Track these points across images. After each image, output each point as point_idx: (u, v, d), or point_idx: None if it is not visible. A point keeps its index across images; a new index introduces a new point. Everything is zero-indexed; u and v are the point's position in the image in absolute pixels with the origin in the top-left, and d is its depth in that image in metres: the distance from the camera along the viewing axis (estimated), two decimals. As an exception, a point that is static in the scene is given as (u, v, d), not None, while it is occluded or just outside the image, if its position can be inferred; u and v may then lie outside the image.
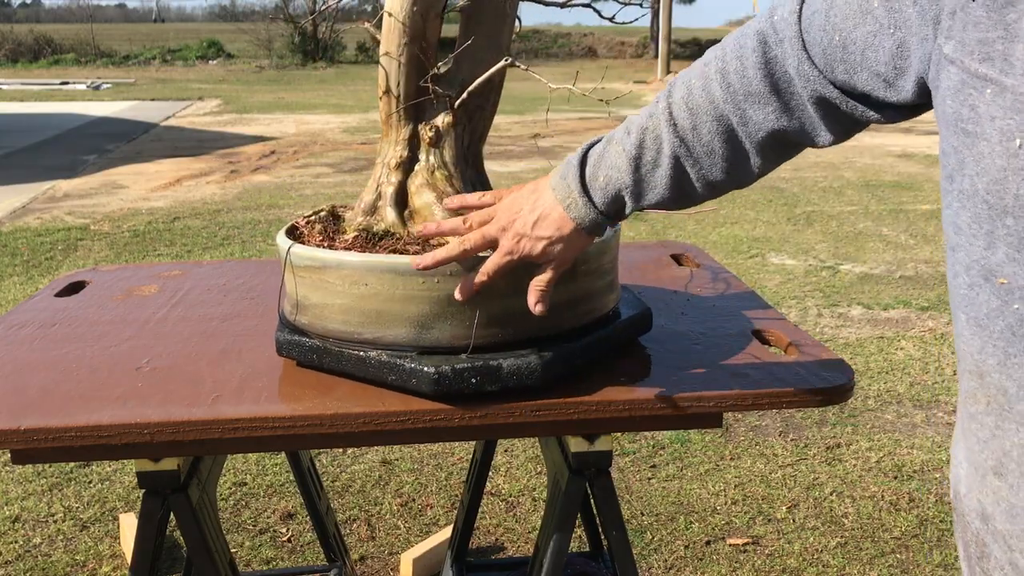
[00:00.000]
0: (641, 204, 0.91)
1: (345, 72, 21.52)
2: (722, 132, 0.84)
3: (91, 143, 9.58)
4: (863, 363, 3.36)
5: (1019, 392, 0.65)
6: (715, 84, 0.84)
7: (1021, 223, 0.62)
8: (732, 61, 0.83)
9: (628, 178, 0.89)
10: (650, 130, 0.88)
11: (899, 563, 2.17)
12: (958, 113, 0.66)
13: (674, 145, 0.86)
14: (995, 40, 0.62)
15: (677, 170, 0.87)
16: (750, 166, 0.87)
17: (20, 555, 2.21)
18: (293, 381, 1.09)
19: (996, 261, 0.64)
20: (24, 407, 1.02)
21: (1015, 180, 0.61)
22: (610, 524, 1.17)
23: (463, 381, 1.00)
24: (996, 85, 0.62)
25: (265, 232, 5.42)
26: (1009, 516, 0.68)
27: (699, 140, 0.85)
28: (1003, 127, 0.62)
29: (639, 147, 0.88)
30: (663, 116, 0.87)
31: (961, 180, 0.66)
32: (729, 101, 0.83)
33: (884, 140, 9.20)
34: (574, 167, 0.92)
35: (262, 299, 1.43)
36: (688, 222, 5.61)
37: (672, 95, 0.87)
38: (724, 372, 1.09)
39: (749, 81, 0.82)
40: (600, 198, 0.91)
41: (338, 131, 10.38)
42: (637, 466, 2.62)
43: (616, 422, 1.05)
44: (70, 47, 26.03)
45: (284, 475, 2.55)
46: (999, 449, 0.68)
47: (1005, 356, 0.65)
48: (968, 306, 0.68)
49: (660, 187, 0.89)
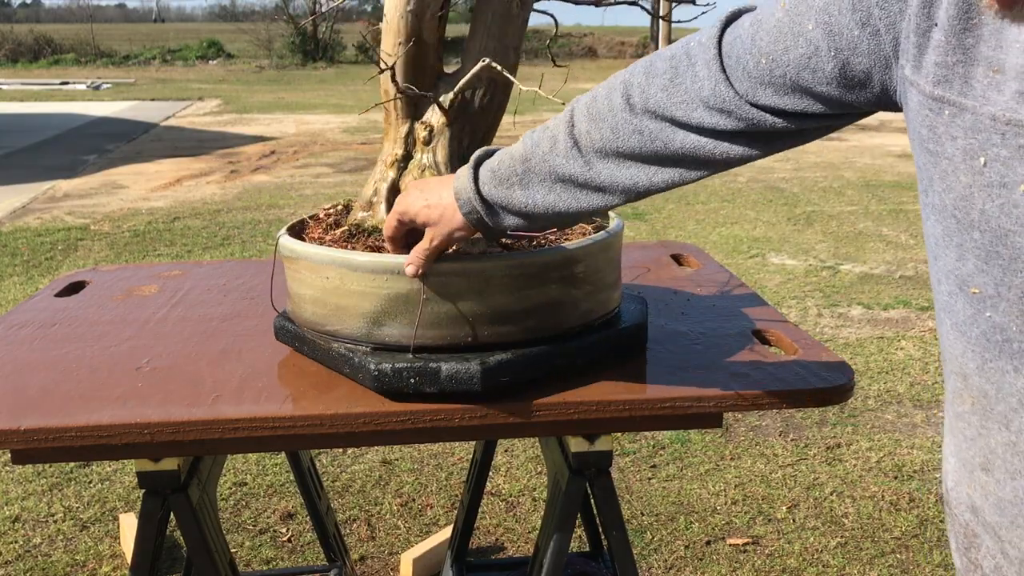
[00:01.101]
0: (524, 199, 0.92)
1: (345, 72, 21.52)
2: (613, 140, 0.86)
3: (91, 143, 9.58)
4: (863, 363, 3.36)
5: (998, 395, 0.68)
6: (617, 95, 0.86)
7: (987, 236, 0.64)
8: (638, 75, 0.85)
9: (520, 166, 0.91)
10: (549, 129, 0.91)
11: (899, 563, 2.17)
12: (920, 133, 0.68)
13: (567, 145, 0.89)
14: (954, 64, 0.64)
15: (566, 168, 0.89)
16: (638, 176, 0.87)
17: (20, 555, 2.21)
18: (293, 381, 1.09)
19: (967, 272, 0.67)
20: (24, 407, 1.02)
21: (980, 197, 0.64)
22: (610, 524, 1.17)
23: (402, 381, 1.01)
24: (954, 107, 0.65)
25: (265, 232, 5.42)
26: (998, 509, 0.70)
27: (591, 143, 0.87)
28: (965, 147, 0.64)
29: (535, 144, 0.91)
30: (563, 118, 0.90)
31: (932, 195, 0.69)
32: (627, 110, 0.85)
33: (884, 140, 9.20)
34: (477, 154, 0.96)
35: (262, 299, 1.43)
36: (688, 222, 5.61)
37: (578, 102, 0.91)
38: (724, 372, 1.09)
39: (648, 98, 0.83)
40: (487, 178, 0.93)
41: (338, 131, 10.38)
42: (637, 466, 2.62)
43: (616, 422, 1.05)
44: (70, 47, 26.02)
45: (284, 475, 2.55)
46: (985, 447, 0.71)
47: (982, 361, 0.68)
48: (949, 312, 0.71)
49: (546, 179, 0.90)
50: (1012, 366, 0.66)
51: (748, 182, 6.89)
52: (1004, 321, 0.65)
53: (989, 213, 0.64)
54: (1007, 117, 0.62)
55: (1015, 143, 0.62)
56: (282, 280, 1.18)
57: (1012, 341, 0.65)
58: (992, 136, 0.63)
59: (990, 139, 0.63)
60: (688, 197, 6.32)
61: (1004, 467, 0.69)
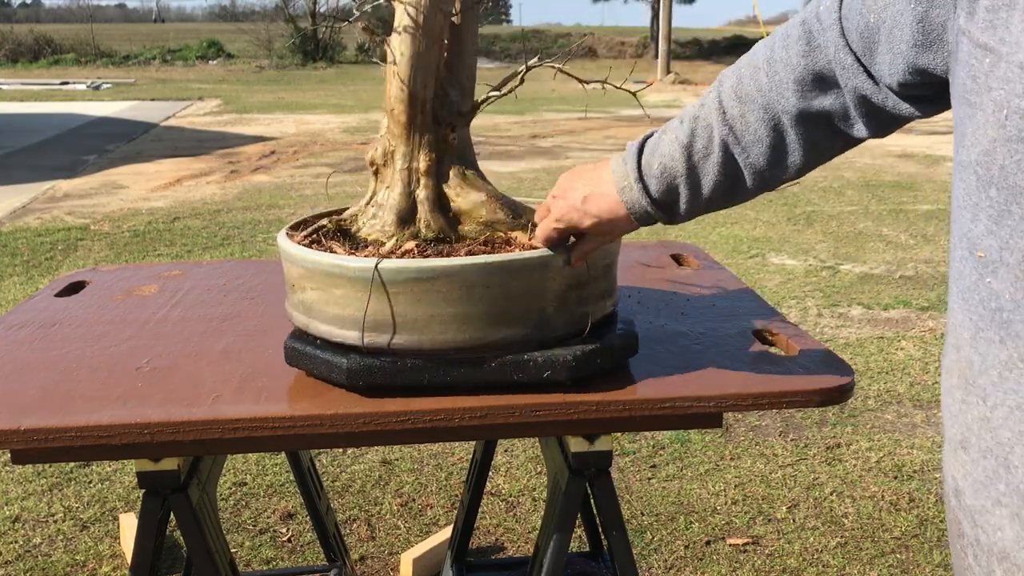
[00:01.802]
0: (697, 196, 0.93)
1: (345, 72, 21.52)
2: (768, 120, 0.87)
3: (91, 143, 9.58)
4: (863, 363, 3.36)
5: (983, 366, 0.67)
6: (762, 73, 0.86)
7: (1003, 194, 0.63)
8: (779, 51, 0.85)
9: (681, 166, 0.91)
10: (702, 119, 0.90)
11: (899, 563, 2.17)
12: (964, 84, 0.66)
13: (723, 133, 0.89)
14: (998, 8, 0.62)
15: (727, 157, 0.90)
16: (795, 156, 0.89)
17: (20, 555, 2.21)
18: (293, 381, 1.09)
19: (978, 233, 0.66)
20: (24, 407, 1.02)
21: (1002, 151, 0.62)
22: (610, 524, 1.17)
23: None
24: (994, 55, 0.63)
25: (265, 232, 5.42)
26: (974, 491, 0.69)
27: (747, 128, 0.88)
28: (996, 98, 0.62)
29: (691, 135, 0.90)
30: (714, 105, 0.89)
31: (962, 152, 0.68)
32: (774, 90, 0.85)
33: (884, 140, 9.19)
34: (633, 153, 0.94)
35: (262, 299, 1.43)
36: (688, 222, 5.61)
37: (723, 85, 0.90)
38: (724, 372, 1.09)
39: (793, 69, 0.84)
40: (655, 186, 0.93)
41: (338, 131, 10.38)
42: (637, 466, 2.62)
43: (616, 422, 1.05)
44: (70, 47, 26.03)
45: (284, 475, 2.55)
46: (963, 423, 0.70)
47: (976, 329, 0.67)
48: (958, 279, 0.70)
49: (712, 175, 0.91)
50: (999, 336, 0.65)
51: (748, 182, 6.89)
52: (1000, 288, 0.64)
53: (1008, 169, 0.62)
54: None
55: None
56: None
57: (1003, 310, 0.64)
58: (1016, 86, 0.60)
59: (1015, 89, 0.61)
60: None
61: (978, 444, 0.68)
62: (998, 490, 0.66)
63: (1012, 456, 0.65)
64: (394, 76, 1.12)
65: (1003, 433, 0.65)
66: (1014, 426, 0.64)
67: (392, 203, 1.14)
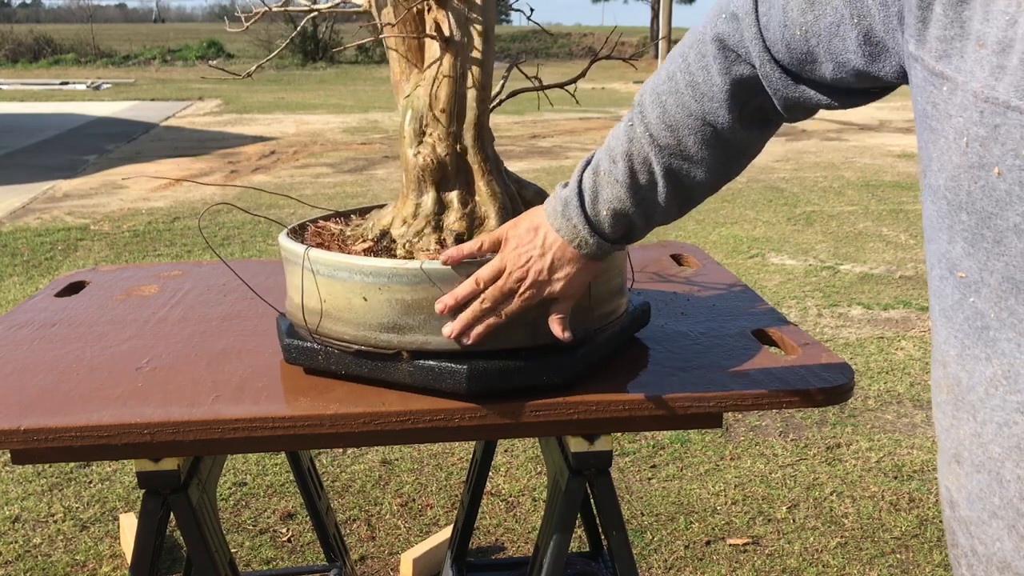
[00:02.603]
0: (652, 220, 0.94)
1: (345, 72, 21.52)
2: (707, 140, 0.87)
3: (91, 143, 9.58)
4: (863, 363, 3.36)
5: (970, 383, 0.67)
6: (688, 97, 0.86)
7: (974, 219, 0.63)
8: (698, 72, 0.85)
9: (630, 204, 0.91)
10: (636, 155, 0.90)
11: (899, 563, 2.17)
12: (925, 110, 0.67)
13: (665, 163, 0.89)
14: (952, 38, 0.63)
15: (675, 183, 0.90)
16: (741, 158, 0.91)
17: (20, 555, 2.21)
18: (293, 381, 1.09)
19: (956, 255, 0.66)
20: (24, 407, 1.02)
21: (966, 178, 0.63)
22: (610, 524, 1.17)
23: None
24: (951, 83, 0.63)
25: (265, 232, 5.42)
26: (968, 503, 0.70)
27: (688, 153, 0.88)
28: (956, 125, 0.63)
29: (630, 174, 0.90)
30: (645, 140, 0.89)
31: (929, 175, 0.68)
32: (705, 109, 0.85)
33: (884, 140, 9.19)
34: (575, 206, 0.93)
35: (263, 297, 1.42)
36: (688, 222, 5.61)
37: (647, 116, 0.89)
38: (724, 372, 1.09)
39: (720, 88, 0.84)
40: (610, 228, 0.93)
41: (338, 131, 10.38)
42: (637, 466, 2.62)
43: (616, 422, 1.05)
44: (70, 47, 26.03)
45: (284, 475, 2.55)
46: (956, 438, 0.70)
47: (962, 348, 0.67)
48: (939, 297, 0.70)
49: (663, 200, 0.91)
50: (985, 353, 0.65)
51: (748, 182, 6.89)
52: (984, 307, 0.64)
53: (974, 195, 0.62)
54: (985, 94, 0.60)
55: (991, 122, 0.60)
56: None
57: (989, 328, 0.64)
58: (973, 114, 0.61)
59: (972, 117, 0.61)
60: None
61: (971, 459, 0.68)
62: (993, 503, 0.67)
63: (1003, 471, 0.65)
64: (459, 79, 1.10)
65: (994, 448, 0.66)
66: (1003, 442, 0.65)
67: (450, 226, 1.13)
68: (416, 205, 1.13)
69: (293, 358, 1.10)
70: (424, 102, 1.11)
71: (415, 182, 1.13)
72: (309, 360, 1.09)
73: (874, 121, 10.35)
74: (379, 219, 1.17)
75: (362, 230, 1.18)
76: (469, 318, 0.98)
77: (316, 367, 1.09)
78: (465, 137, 1.13)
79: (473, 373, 1.00)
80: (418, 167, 1.11)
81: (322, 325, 1.06)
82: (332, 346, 1.06)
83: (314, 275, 1.05)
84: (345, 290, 1.03)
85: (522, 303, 0.97)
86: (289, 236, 1.14)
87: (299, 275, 1.07)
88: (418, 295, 1.01)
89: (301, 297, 1.08)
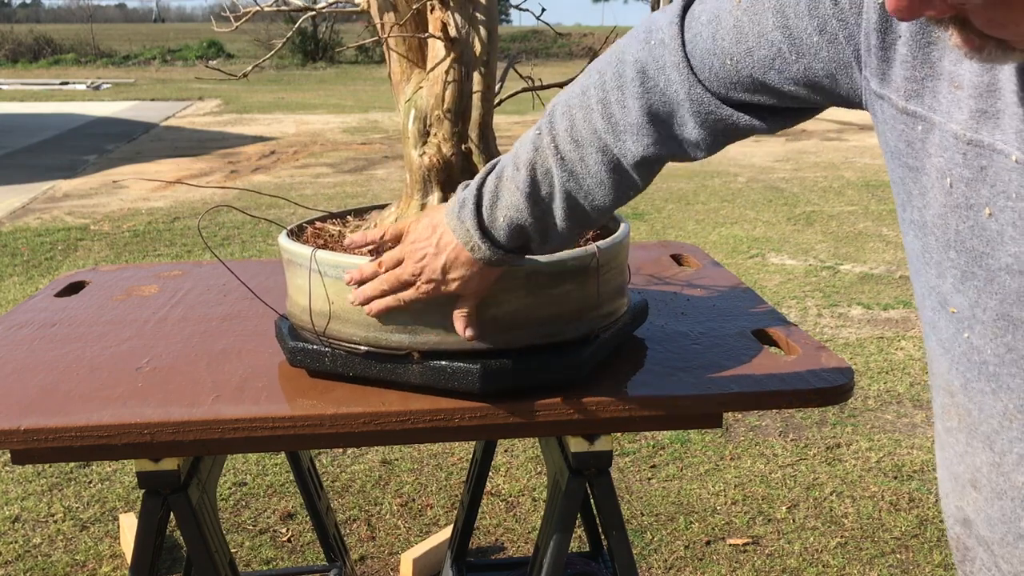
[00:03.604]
0: (548, 236, 0.92)
1: (345, 72, 21.52)
2: (607, 163, 0.85)
3: (91, 143, 9.58)
4: (863, 363, 3.36)
5: (980, 415, 0.66)
6: (597, 115, 0.84)
7: (963, 257, 0.62)
8: (612, 92, 0.82)
9: (527, 215, 0.89)
10: (539, 165, 0.88)
11: (899, 563, 2.17)
12: (898, 148, 0.66)
13: (563, 179, 0.87)
14: (923, 78, 0.62)
15: (570, 201, 0.89)
16: (635, 187, 0.88)
17: (20, 555, 2.21)
18: (293, 381, 1.09)
19: (946, 290, 0.65)
20: (24, 407, 1.02)
21: (953, 217, 0.62)
22: (610, 524, 1.17)
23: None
24: (926, 123, 0.62)
25: (265, 232, 5.42)
26: (988, 525, 0.69)
27: (588, 171, 0.86)
28: (938, 164, 0.62)
29: (531, 183, 0.88)
30: (549, 150, 0.87)
31: (911, 211, 0.67)
32: (611, 132, 0.83)
33: (884, 140, 9.19)
34: (470, 209, 0.91)
35: (262, 298, 1.42)
36: (688, 222, 5.61)
37: (555, 127, 0.87)
38: (724, 372, 1.09)
39: (629, 112, 0.81)
40: (504, 236, 0.91)
41: (338, 131, 10.38)
42: (637, 466, 2.62)
43: (616, 422, 1.05)
44: (70, 47, 26.03)
45: (284, 475, 2.55)
46: (972, 465, 0.69)
47: (965, 380, 0.66)
48: (934, 328, 0.69)
49: (560, 216, 0.90)
50: (990, 388, 0.64)
51: (748, 182, 6.89)
52: (980, 343, 0.63)
53: (963, 234, 0.62)
54: (968, 136, 0.59)
55: (976, 164, 0.59)
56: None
57: (988, 364, 0.63)
58: (955, 156, 0.60)
59: (953, 158, 0.61)
60: (688, 197, 6.33)
61: (990, 486, 0.67)
62: (1020, 528, 0.66)
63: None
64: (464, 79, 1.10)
65: (1017, 478, 0.65)
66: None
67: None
68: (422, 205, 1.13)
69: (298, 361, 1.09)
70: (428, 102, 1.11)
71: (420, 182, 1.12)
72: (315, 363, 1.08)
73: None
74: (382, 220, 1.17)
75: (363, 231, 1.17)
76: (368, 293, 0.99)
77: (322, 370, 1.08)
78: (470, 137, 1.13)
79: (486, 372, 1.00)
80: (424, 167, 1.11)
81: (330, 327, 1.06)
82: (340, 348, 1.06)
83: (322, 277, 1.05)
84: None
85: (420, 295, 0.97)
86: (289, 238, 1.14)
87: (304, 277, 1.07)
88: None
89: (308, 300, 1.07)
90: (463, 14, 1.08)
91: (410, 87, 1.14)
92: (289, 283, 1.12)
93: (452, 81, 1.09)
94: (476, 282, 0.95)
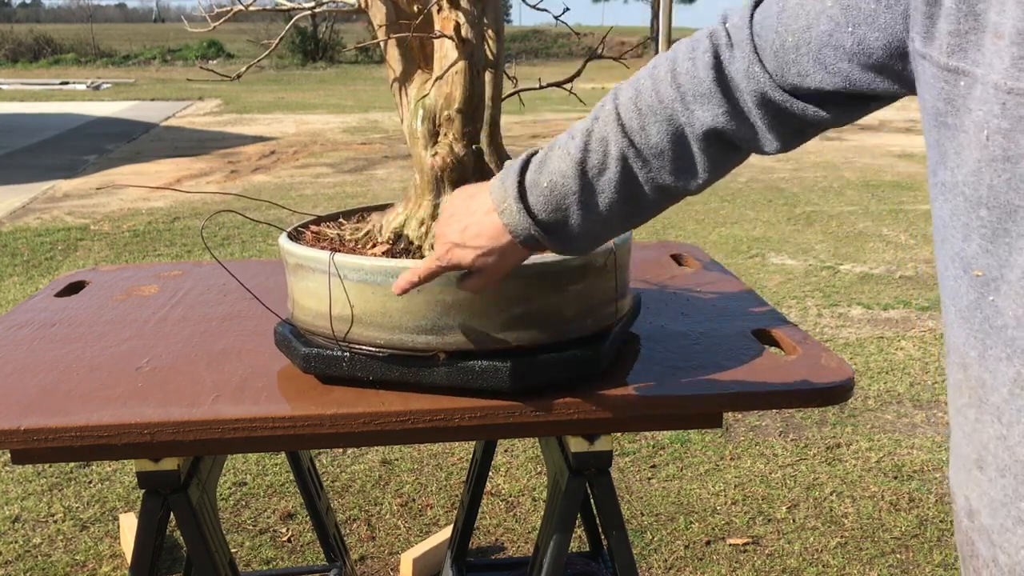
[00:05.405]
0: (591, 216, 0.86)
1: (345, 72, 21.52)
2: (671, 132, 0.82)
3: (91, 143, 9.58)
4: (863, 363, 3.36)
5: (995, 384, 0.65)
6: (665, 85, 0.81)
7: (994, 214, 0.62)
8: (683, 62, 0.81)
9: (574, 183, 0.84)
10: (596, 132, 0.84)
11: (899, 563, 2.17)
12: (936, 107, 0.66)
13: (622, 146, 0.83)
14: (967, 31, 0.62)
15: (625, 173, 0.84)
16: (697, 170, 0.84)
17: (20, 555, 2.21)
18: (293, 381, 1.09)
19: (971, 253, 0.65)
20: (24, 407, 1.02)
21: (987, 172, 0.62)
22: (610, 524, 1.17)
23: None
24: (969, 77, 0.62)
25: (265, 232, 5.42)
26: (991, 511, 0.68)
27: (647, 141, 0.82)
28: (977, 119, 0.62)
29: (584, 150, 0.84)
30: (610, 118, 0.84)
31: (943, 173, 0.67)
32: (679, 100, 0.81)
33: (884, 140, 9.19)
34: (514, 171, 0.87)
35: (262, 299, 1.42)
36: (688, 222, 5.61)
37: (619, 97, 0.84)
38: (724, 372, 1.09)
39: (700, 82, 0.80)
40: (541, 205, 0.85)
41: (338, 131, 10.38)
42: (637, 466, 2.62)
43: (616, 422, 1.05)
44: (70, 47, 26.04)
45: (284, 475, 2.55)
46: (979, 442, 0.68)
47: (983, 348, 0.66)
48: (954, 298, 0.68)
49: (609, 191, 0.84)
50: (1005, 353, 0.64)
51: (748, 182, 6.89)
52: (1004, 305, 0.63)
53: (997, 188, 0.61)
54: (1008, 85, 0.59)
55: (1016, 113, 0.59)
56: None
57: (1008, 327, 0.63)
58: (994, 107, 0.60)
59: (992, 110, 0.60)
60: (688, 197, 6.33)
61: (995, 463, 0.67)
62: (1019, 508, 0.65)
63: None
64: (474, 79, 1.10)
65: (1021, 451, 0.64)
66: None
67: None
68: (434, 206, 1.12)
69: (312, 367, 1.07)
70: (438, 102, 1.11)
71: (432, 183, 1.12)
72: (331, 368, 1.06)
73: (874, 121, 10.34)
74: (388, 221, 1.16)
75: (367, 233, 1.17)
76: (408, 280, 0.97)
77: (338, 375, 1.06)
78: (480, 136, 1.13)
79: (516, 370, 1.00)
80: (436, 167, 1.11)
81: (352, 331, 1.04)
82: (359, 352, 1.04)
83: (342, 280, 1.03)
84: (380, 294, 1.01)
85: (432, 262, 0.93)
86: (291, 242, 1.13)
87: (318, 281, 1.04)
88: (459, 295, 1.00)
89: (329, 305, 1.04)
90: (470, 14, 1.09)
91: (415, 87, 1.13)
92: (295, 287, 1.10)
93: (464, 81, 1.09)
94: (495, 260, 0.89)
